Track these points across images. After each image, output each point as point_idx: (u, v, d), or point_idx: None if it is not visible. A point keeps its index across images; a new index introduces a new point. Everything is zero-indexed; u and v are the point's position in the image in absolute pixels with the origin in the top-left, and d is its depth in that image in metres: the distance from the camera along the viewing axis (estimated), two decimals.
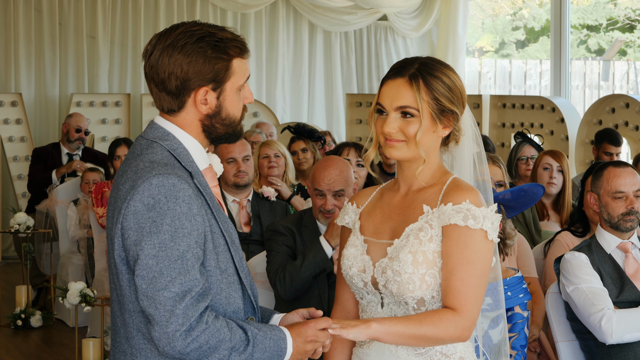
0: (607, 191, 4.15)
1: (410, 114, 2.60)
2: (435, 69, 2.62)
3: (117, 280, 2.48)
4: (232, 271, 2.52)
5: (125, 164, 2.52)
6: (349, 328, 2.49)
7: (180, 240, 2.37)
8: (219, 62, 2.49)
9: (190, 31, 2.49)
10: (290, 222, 4.59)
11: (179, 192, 2.39)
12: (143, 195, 2.38)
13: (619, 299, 4.02)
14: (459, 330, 2.54)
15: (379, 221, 2.71)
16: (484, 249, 2.57)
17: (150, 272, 2.36)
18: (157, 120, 2.56)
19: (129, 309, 2.46)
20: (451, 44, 11.68)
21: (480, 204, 2.58)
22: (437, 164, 2.69)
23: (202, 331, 2.35)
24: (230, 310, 2.50)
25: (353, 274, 2.68)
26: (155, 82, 2.51)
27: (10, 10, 10.80)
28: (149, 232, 2.37)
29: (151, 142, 2.52)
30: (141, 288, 2.37)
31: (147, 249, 2.36)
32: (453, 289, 2.54)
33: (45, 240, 8.08)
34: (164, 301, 2.34)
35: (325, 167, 4.53)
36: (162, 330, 2.35)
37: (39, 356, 6.89)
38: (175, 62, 2.47)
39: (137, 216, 2.38)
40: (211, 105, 2.51)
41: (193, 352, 2.36)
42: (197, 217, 2.41)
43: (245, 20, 11.68)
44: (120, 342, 2.51)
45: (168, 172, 2.41)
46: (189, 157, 2.51)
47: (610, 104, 9.14)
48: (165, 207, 2.37)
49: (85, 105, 10.67)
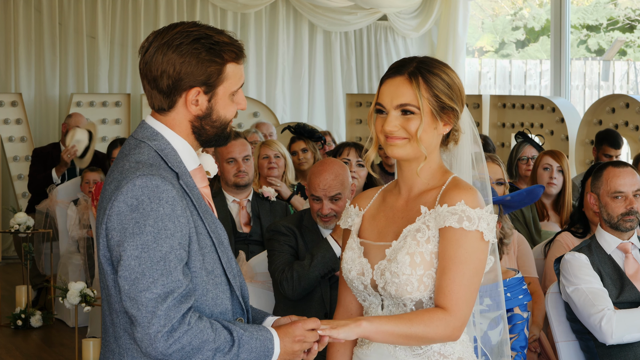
0: (606, 191, 4.15)
1: (411, 112, 2.60)
2: (434, 67, 2.63)
3: (105, 280, 2.49)
4: (219, 272, 2.51)
5: (114, 163, 2.53)
6: (339, 328, 2.48)
7: (163, 242, 2.37)
8: (212, 65, 2.48)
9: (187, 31, 2.48)
10: (291, 222, 4.58)
11: (163, 193, 2.39)
12: (126, 196, 2.38)
13: (619, 299, 4.02)
14: (449, 330, 2.54)
15: (383, 225, 2.70)
16: (478, 250, 2.56)
17: (132, 273, 2.36)
18: (148, 120, 2.56)
19: (115, 309, 2.47)
20: (451, 44, 11.68)
21: (476, 204, 2.57)
22: (437, 162, 2.69)
23: (185, 332, 2.35)
24: (218, 312, 2.50)
25: (353, 277, 2.69)
26: (148, 79, 2.50)
27: (10, 10, 10.80)
28: (132, 233, 2.37)
29: (139, 141, 2.52)
30: (124, 289, 2.37)
31: (130, 249, 2.36)
32: (444, 288, 2.54)
33: (45, 240, 8.08)
34: (146, 302, 2.34)
35: (321, 171, 4.50)
36: (144, 331, 2.34)
37: (39, 356, 6.89)
38: (169, 60, 2.46)
39: (120, 217, 2.38)
40: (202, 107, 2.51)
41: (175, 353, 2.35)
42: (181, 218, 2.41)
43: (245, 20, 11.68)
44: (110, 342, 2.52)
45: (152, 172, 2.41)
46: (177, 157, 2.51)
47: (610, 104, 9.14)
48: (148, 208, 2.37)
49: (85, 105, 10.67)
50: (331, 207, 4.46)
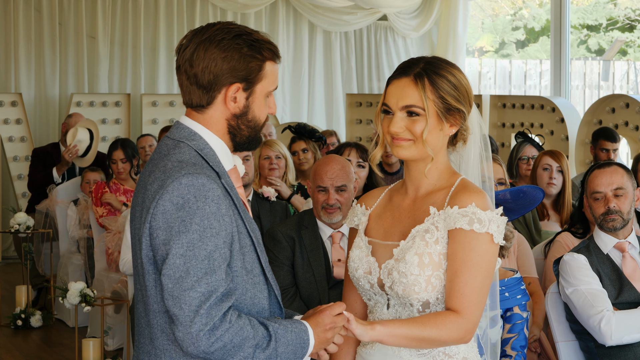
0: (589, 193, 4.19)
1: (416, 113, 2.60)
2: (440, 68, 2.62)
3: (143, 280, 2.47)
4: (258, 271, 2.52)
5: (151, 164, 2.51)
6: (358, 323, 2.49)
7: (209, 240, 2.37)
8: (254, 61, 2.49)
9: (228, 28, 2.49)
10: (290, 227, 4.59)
11: (208, 191, 2.39)
12: (172, 194, 2.38)
13: (618, 300, 4.02)
14: (461, 333, 2.54)
15: (389, 224, 2.70)
16: (489, 252, 2.57)
17: (177, 271, 2.35)
18: (183, 121, 2.55)
19: (153, 310, 2.46)
20: (451, 44, 11.68)
21: (486, 207, 2.57)
22: (444, 163, 2.68)
23: (226, 330, 2.35)
24: (255, 311, 2.51)
25: (359, 276, 2.69)
26: (188, 75, 2.50)
27: (10, 10, 10.80)
28: (178, 231, 2.36)
29: (178, 142, 2.51)
30: (167, 287, 2.36)
31: (176, 248, 2.36)
32: (457, 291, 2.54)
33: (45, 240, 8.08)
34: (190, 301, 2.34)
35: (327, 162, 4.59)
36: (186, 330, 2.34)
37: (39, 356, 6.89)
38: (211, 55, 2.47)
39: (166, 215, 2.38)
40: (239, 104, 2.51)
41: (217, 351, 2.36)
42: (226, 217, 2.41)
43: (245, 20, 11.68)
44: (145, 343, 2.51)
45: (197, 171, 2.40)
46: (216, 157, 2.51)
47: (610, 104, 9.14)
48: (194, 206, 2.37)
49: (85, 105, 10.67)
50: (337, 198, 4.50)
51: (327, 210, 4.52)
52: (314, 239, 4.53)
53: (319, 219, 4.59)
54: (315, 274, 4.50)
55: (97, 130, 8.64)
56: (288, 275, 4.51)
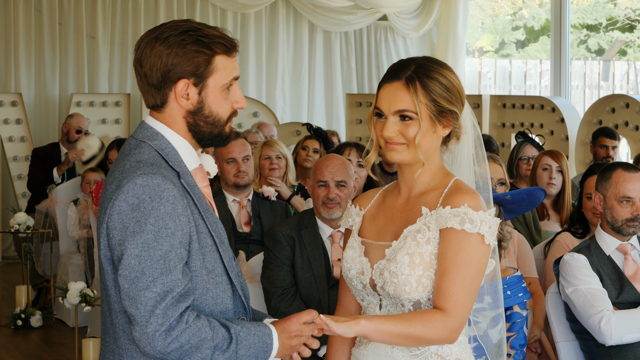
0: (614, 194, 4.11)
1: (409, 117, 2.59)
2: (431, 70, 2.60)
3: (105, 280, 2.48)
4: (220, 271, 2.51)
5: (114, 164, 2.53)
6: (339, 323, 2.47)
7: (164, 240, 2.37)
8: (200, 56, 2.47)
9: (177, 25, 2.49)
10: (290, 227, 4.60)
11: (163, 191, 2.39)
12: (127, 195, 2.38)
13: (619, 300, 4.01)
14: (446, 332, 2.53)
15: (382, 224, 2.70)
16: (479, 253, 2.56)
17: (132, 271, 2.35)
18: (147, 120, 2.56)
19: (115, 310, 2.47)
20: (451, 44, 11.68)
21: (479, 208, 2.56)
22: (437, 164, 2.68)
23: (183, 331, 2.35)
24: (218, 311, 2.49)
25: (352, 276, 2.68)
26: (140, 75, 2.51)
27: (10, 10, 10.80)
28: (133, 231, 2.36)
29: (140, 142, 2.51)
30: (124, 288, 2.37)
31: (131, 248, 2.36)
32: (444, 290, 2.53)
33: (45, 240, 8.08)
34: (145, 301, 2.34)
35: (328, 158, 4.67)
36: (142, 330, 2.34)
37: (39, 356, 6.89)
38: (157, 53, 2.47)
39: (121, 216, 2.38)
40: (192, 100, 2.50)
41: (174, 352, 2.35)
42: (182, 217, 2.40)
43: (245, 20, 11.68)
44: (109, 342, 2.52)
45: (153, 171, 2.41)
46: (178, 156, 2.51)
47: (610, 104, 9.14)
48: (149, 206, 2.37)
49: (85, 105, 10.67)
50: (337, 193, 4.54)
51: (327, 205, 4.53)
52: (314, 239, 4.54)
53: (319, 215, 4.60)
54: (315, 273, 4.50)
55: (106, 146, 8.67)
56: (288, 275, 4.51)
